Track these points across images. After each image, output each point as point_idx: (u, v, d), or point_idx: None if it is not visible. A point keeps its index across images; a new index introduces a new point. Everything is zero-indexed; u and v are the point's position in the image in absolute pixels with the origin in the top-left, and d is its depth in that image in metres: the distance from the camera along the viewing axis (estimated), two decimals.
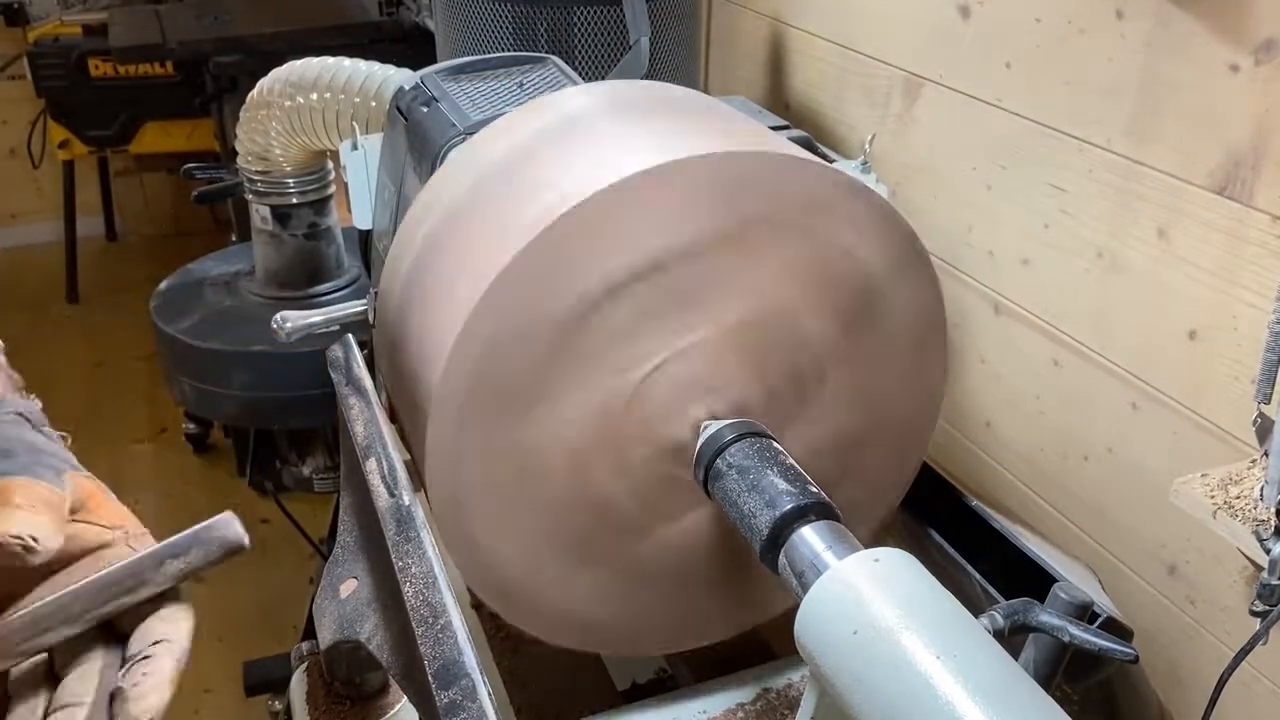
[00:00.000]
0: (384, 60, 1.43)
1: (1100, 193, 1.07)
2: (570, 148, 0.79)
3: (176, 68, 3.17)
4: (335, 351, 1.02)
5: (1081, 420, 1.15)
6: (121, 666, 0.58)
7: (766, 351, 0.81)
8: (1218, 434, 0.98)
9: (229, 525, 0.61)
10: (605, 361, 0.76)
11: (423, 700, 0.64)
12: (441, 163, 0.96)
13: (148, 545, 0.61)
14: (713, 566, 0.87)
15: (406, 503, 0.76)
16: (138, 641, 0.58)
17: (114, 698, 0.56)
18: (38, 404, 0.68)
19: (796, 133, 1.20)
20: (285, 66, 1.46)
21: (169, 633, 0.58)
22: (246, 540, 0.62)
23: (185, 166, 1.97)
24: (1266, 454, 0.88)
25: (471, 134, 0.95)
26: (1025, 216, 1.18)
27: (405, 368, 0.80)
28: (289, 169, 1.61)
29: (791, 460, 0.75)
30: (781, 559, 0.69)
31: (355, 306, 1.07)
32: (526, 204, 0.74)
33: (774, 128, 1.11)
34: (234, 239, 2.67)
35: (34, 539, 0.56)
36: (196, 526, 0.61)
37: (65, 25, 3.33)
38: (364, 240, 1.25)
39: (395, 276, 0.85)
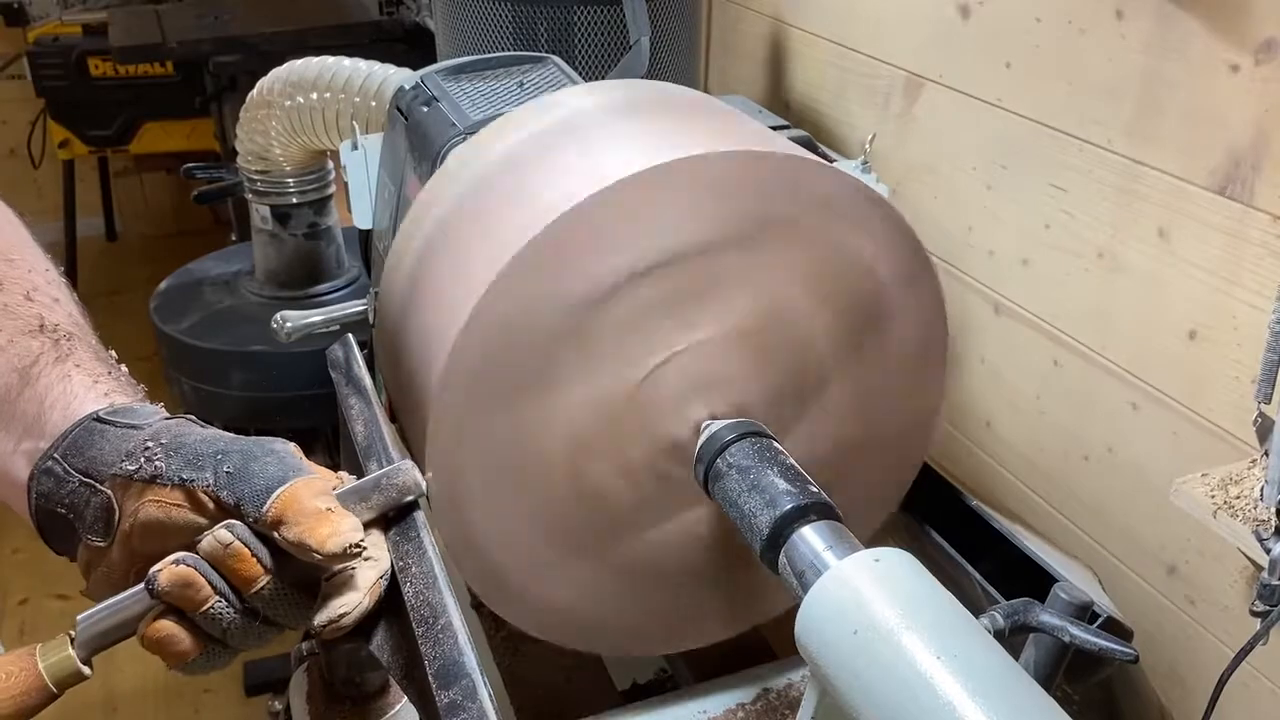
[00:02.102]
0: (384, 60, 1.43)
1: (1100, 193, 1.07)
2: (579, 144, 0.79)
3: (176, 68, 3.17)
4: (335, 351, 1.02)
5: (1081, 420, 1.15)
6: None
7: (770, 353, 0.81)
8: (1218, 434, 0.98)
9: (409, 472, 0.68)
10: (608, 358, 0.76)
11: (423, 700, 0.64)
12: (442, 162, 0.96)
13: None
14: (713, 566, 0.87)
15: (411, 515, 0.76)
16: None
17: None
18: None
19: (796, 133, 1.21)
20: (285, 66, 1.45)
21: (371, 552, 0.64)
22: (425, 486, 0.69)
23: (185, 166, 1.97)
24: (1266, 454, 0.88)
25: (471, 134, 0.95)
26: (1025, 216, 1.18)
27: (406, 363, 0.80)
28: (289, 169, 1.61)
29: (792, 460, 0.75)
30: (781, 559, 0.69)
31: (355, 306, 1.08)
32: (532, 200, 0.74)
33: (774, 128, 1.11)
34: (234, 239, 2.67)
35: (362, 541, 0.60)
36: (379, 472, 0.68)
37: (65, 25, 3.32)
38: (364, 240, 1.25)
39: (397, 273, 0.85)
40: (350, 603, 0.61)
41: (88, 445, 0.64)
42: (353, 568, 0.63)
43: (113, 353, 0.73)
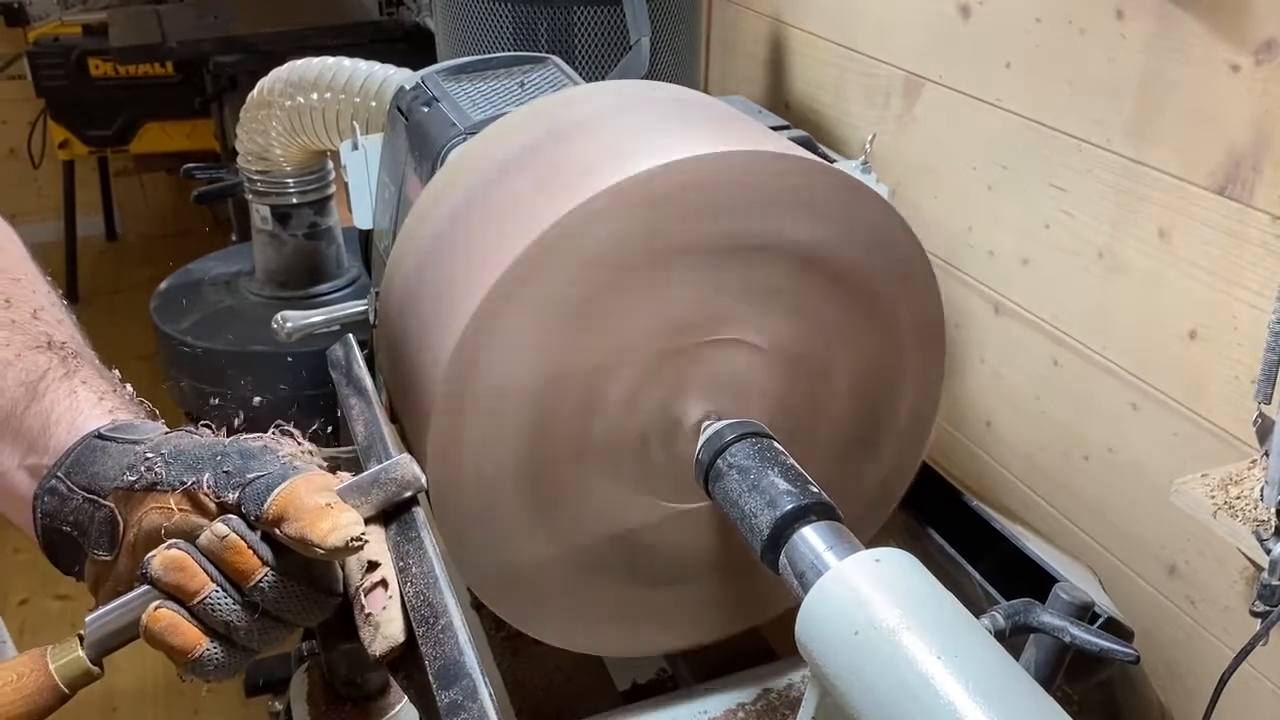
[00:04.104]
0: (384, 60, 1.43)
1: (1100, 193, 1.07)
2: (582, 145, 0.79)
3: (176, 68, 3.17)
4: (335, 351, 1.02)
5: (1081, 420, 1.15)
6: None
7: (770, 353, 0.81)
8: (1218, 434, 0.98)
9: (407, 466, 0.67)
10: (609, 359, 0.76)
11: (423, 701, 0.64)
12: (442, 162, 0.96)
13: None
14: (713, 566, 0.87)
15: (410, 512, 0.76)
16: (353, 560, 0.64)
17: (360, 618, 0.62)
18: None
19: (796, 133, 1.20)
20: (285, 66, 1.45)
21: (380, 554, 0.64)
22: (424, 480, 0.68)
23: (185, 166, 1.96)
24: (1266, 454, 0.88)
25: (472, 134, 0.95)
26: (1025, 216, 1.18)
27: (408, 362, 0.80)
28: (289, 169, 1.61)
29: (792, 460, 0.75)
30: (782, 559, 0.69)
31: (355, 306, 1.08)
32: (535, 201, 0.74)
33: (774, 128, 1.11)
34: (234, 239, 2.67)
35: (364, 534, 0.60)
36: (377, 467, 0.67)
37: (65, 25, 3.33)
38: (364, 240, 1.25)
39: (399, 274, 0.85)
40: (400, 621, 0.62)
41: (90, 462, 0.64)
42: (382, 581, 0.63)
43: (116, 371, 0.73)
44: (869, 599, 0.60)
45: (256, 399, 1.66)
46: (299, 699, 0.96)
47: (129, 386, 0.72)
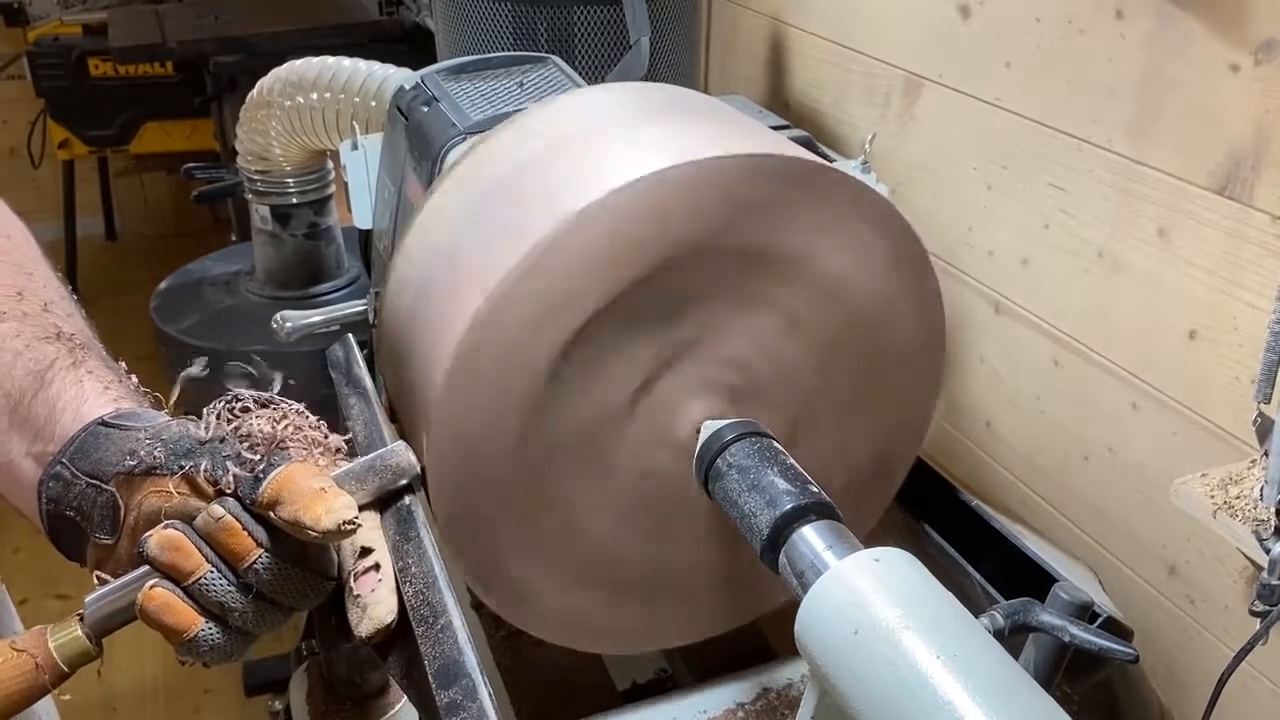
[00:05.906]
0: (384, 60, 1.43)
1: (1100, 193, 1.07)
2: (584, 149, 0.79)
3: (176, 68, 3.17)
4: (335, 351, 1.02)
5: (1081, 420, 1.15)
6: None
7: (770, 354, 0.81)
8: (1218, 434, 0.98)
9: (403, 454, 0.69)
10: (611, 358, 0.76)
11: (423, 700, 0.64)
12: (442, 162, 0.96)
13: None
14: (712, 564, 0.87)
15: (406, 503, 0.76)
16: (348, 546, 0.65)
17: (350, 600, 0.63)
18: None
19: (797, 133, 1.20)
20: (285, 66, 1.45)
21: (374, 540, 0.66)
22: (419, 467, 0.70)
23: (185, 166, 1.97)
24: (1266, 454, 0.88)
25: (472, 134, 0.95)
26: (1025, 216, 1.18)
27: (409, 364, 0.80)
28: (289, 169, 1.61)
29: (792, 460, 0.75)
30: (782, 559, 0.69)
31: (355, 306, 1.08)
32: (539, 205, 0.74)
33: (774, 127, 1.11)
34: (234, 239, 2.67)
35: (358, 519, 0.61)
36: (372, 455, 0.68)
37: (65, 25, 3.33)
38: (364, 240, 1.25)
39: (402, 278, 0.85)
40: (389, 604, 0.63)
41: (93, 448, 0.65)
42: (374, 565, 0.64)
43: (123, 364, 0.74)
44: (869, 599, 0.60)
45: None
46: (299, 698, 0.96)
47: (134, 377, 0.73)
